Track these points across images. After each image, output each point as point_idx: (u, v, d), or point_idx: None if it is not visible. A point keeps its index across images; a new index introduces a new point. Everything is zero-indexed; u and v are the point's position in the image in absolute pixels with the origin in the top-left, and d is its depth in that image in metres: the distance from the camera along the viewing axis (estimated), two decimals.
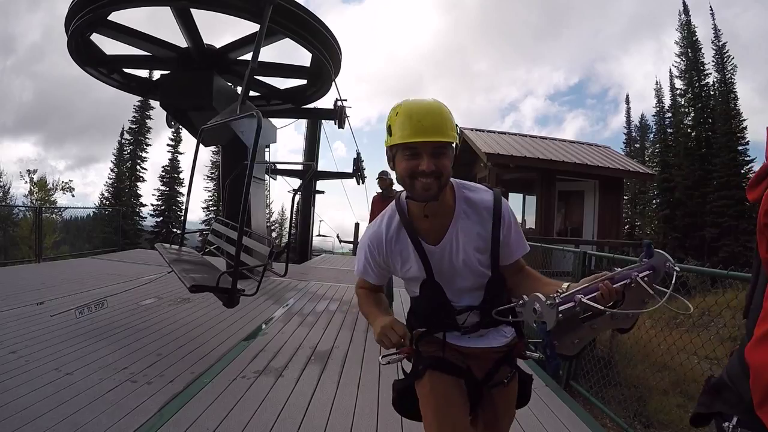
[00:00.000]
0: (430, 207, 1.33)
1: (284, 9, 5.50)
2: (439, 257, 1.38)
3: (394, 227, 1.41)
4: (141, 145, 30.74)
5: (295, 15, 5.68)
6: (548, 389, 3.53)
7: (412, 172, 1.26)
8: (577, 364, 3.76)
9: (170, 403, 2.78)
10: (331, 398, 3.02)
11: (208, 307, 5.49)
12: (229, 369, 3.45)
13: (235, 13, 5.40)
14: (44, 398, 2.72)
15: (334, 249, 24.32)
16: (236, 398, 2.91)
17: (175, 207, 30.94)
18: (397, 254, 1.41)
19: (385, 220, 1.44)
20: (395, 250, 1.41)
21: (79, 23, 5.50)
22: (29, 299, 5.26)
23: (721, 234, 24.68)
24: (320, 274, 9.60)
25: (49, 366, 3.25)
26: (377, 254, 1.44)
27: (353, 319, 5.40)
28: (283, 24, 5.64)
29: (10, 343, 3.71)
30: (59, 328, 4.19)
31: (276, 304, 5.97)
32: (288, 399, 2.95)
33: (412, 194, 1.31)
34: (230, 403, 2.82)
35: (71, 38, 5.86)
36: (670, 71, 30.34)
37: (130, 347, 3.81)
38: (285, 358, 3.81)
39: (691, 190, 26.76)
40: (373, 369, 3.66)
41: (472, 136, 10.14)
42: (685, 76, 28.96)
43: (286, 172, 16.61)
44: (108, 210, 26.38)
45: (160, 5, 5.45)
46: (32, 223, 12.83)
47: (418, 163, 1.25)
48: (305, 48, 6.08)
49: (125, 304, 5.33)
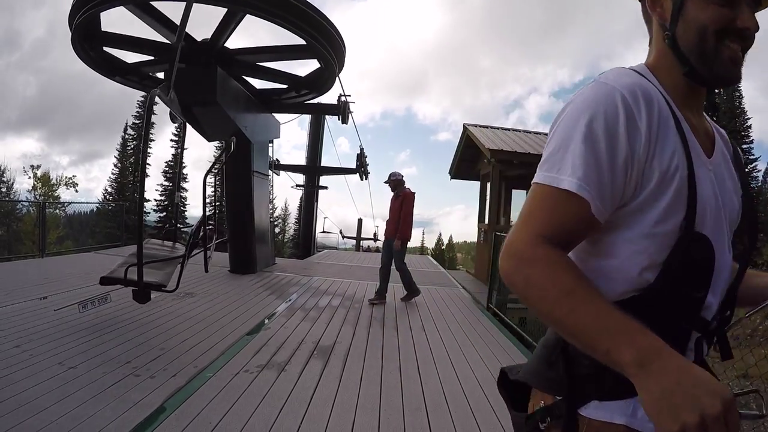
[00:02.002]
0: (692, 99, 0.80)
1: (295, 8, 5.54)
2: (709, 186, 0.73)
3: (657, 104, 0.71)
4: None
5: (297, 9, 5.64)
6: None
7: (721, 28, 0.71)
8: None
9: (173, 397, 2.79)
10: (333, 393, 3.02)
11: (212, 302, 5.52)
12: (231, 363, 3.46)
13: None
14: (48, 392, 2.73)
15: (338, 245, 24.39)
16: (239, 392, 2.91)
17: (178, 201, 31.01)
18: (659, 154, 0.69)
19: (626, 88, 0.69)
20: (659, 145, 0.69)
21: (79, 22, 5.55)
22: (33, 294, 5.29)
23: None
24: (323, 269, 9.62)
25: (53, 360, 3.27)
26: (631, 139, 0.68)
27: (356, 314, 5.41)
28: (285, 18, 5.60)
29: (15, 338, 3.73)
30: (63, 322, 4.22)
31: (279, 299, 5.98)
32: (290, 393, 2.95)
33: (700, 68, 0.74)
34: (233, 398, 2.83)
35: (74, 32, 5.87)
36: None
37: (133, 341, 3.83)
38: (288, 352, 3.82)
39: None
40: (375, 364, 3.67)
41: (476, 132, 10.12)
42: None
43: (290, 167, 16.62)
44: (111, 205, 26.47)
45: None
46: (36, 219, 12.90)
47: (733, 15, 0.71)
48: (296, 34, 6.04)
49: (129, 299, 5.33)
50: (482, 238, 10.58)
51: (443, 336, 4.70)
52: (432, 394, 3.12)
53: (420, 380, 3.37)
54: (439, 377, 3.46)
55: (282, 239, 38.20)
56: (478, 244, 11.35)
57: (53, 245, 18.46)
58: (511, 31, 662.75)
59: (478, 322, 5.51)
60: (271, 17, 5.67)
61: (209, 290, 6.26)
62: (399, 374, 3.47)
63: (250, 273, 7.89)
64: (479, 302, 6.85)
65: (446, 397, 3.08)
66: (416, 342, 4.41)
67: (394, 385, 3.23)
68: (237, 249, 8.15)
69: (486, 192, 10.53)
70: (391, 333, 4.69)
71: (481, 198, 11.09)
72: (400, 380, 3.35)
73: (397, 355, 3.97)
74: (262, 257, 8.49)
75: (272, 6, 5.62)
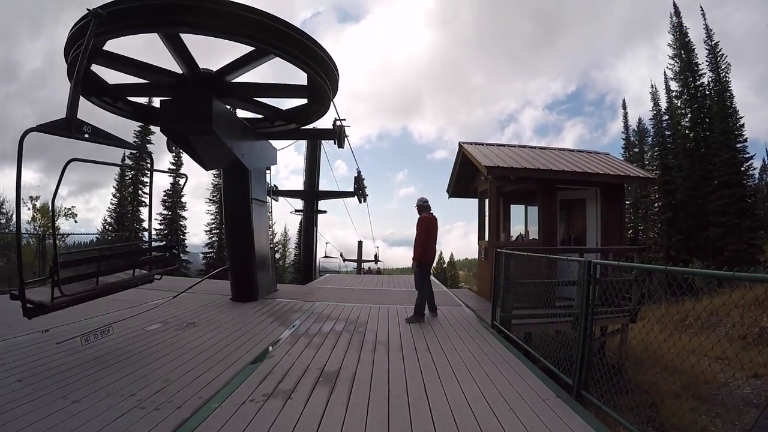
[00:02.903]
0: None
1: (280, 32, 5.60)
2: None
3: None
4: (142, 170, 30.98)
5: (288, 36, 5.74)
6: (559, 400, 3.49)
7: None
8: (588, 373, 3.72)
9: (178, 429, 2.76)
10: (341, 420, 2.99)
11: (215, 331, 5.48)
12: (237, 393, 3.42)
13: None
14: (51, 426, 2.72)
15: (340, 269, 24.34)
16: (245, 423, 2.88)
17: (177, 231, 31.06)
18: None
19: None
20: None
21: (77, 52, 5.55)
22: (34, 326, 5.25)
23: (725, 233, 24.60)
24: (325, 294, 9.56)
25: (57, 394, 3.25)
26: None
27: (360, 339, 5.37)
28: (276, 45, 5.70)
29: (17, 372, 3.72)
30: (66, 355, 4.19)
31: (282, 326, 5.94)
32: (297, 422, 2.92)
33: None
34: (239, 428, 2.80)
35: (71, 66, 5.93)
36: (664, 74, 30.73)
37: (137, 373, 3.79)
38: (293, 380, 3.78)
39: (692, 191, 26.80)
40: (382, 389, 3.63)
41: (472, 150, 10.21)
42: (680, 77, 29.27)
43: (288, 192, 16.70)
44: (111, 235, 26.46)
45: (148, 32, 5.51)
46: (35, 250, 12.86)
47: None
48: (301, 69, 6.14)
49: (131, 330, 5.32)
50: (483, 255, 10.57)
51: (449, 356, 4.66)
52: (441, 416, 3.09)
53: (428, 402, 3.34)
54: (447, 399, 3.43)
55: (283, 265, 38.07)
56: (479, 262, 11.32)
57: None
58: (502, 46, 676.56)
59: (484, 340, 5.47)
60: (295, 61, 5.89)
61: (211, 319, 6.22)
62: (406, 397, 3.44)
63: (252, 300, 7.85)
64: (483, 320, 6.80)
65: (455, 419, 3.04)
66: (422, 364, 4.37)
67: (402, 409, 3.20)
68: (238, 277, 8.12)
69: (485, 209, 10.57)
70: (396, 356, 4.65)
71: (480, 215, 11.12)
72: (407, 403, 3.31)
73: (404, 377, 3.94)
74: (264, 284, 8.46)
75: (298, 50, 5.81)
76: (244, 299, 7.84)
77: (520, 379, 3.98)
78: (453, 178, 11.99)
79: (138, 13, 5.09)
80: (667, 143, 29.87)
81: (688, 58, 28.85)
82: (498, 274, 6.41)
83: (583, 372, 3.69)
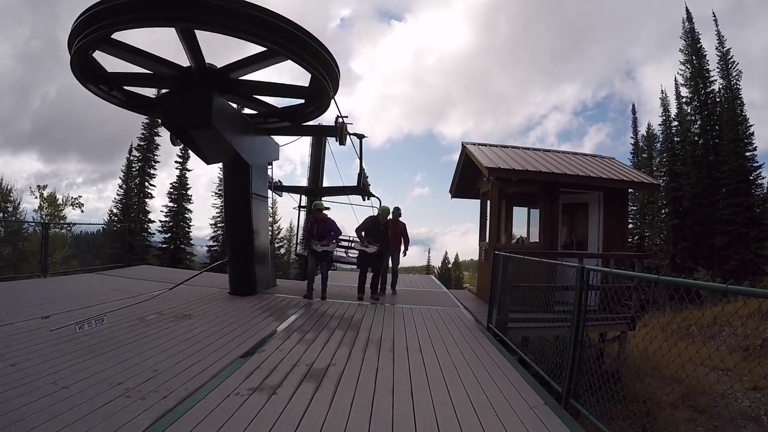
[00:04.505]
0: None
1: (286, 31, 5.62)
2: None
3: None
4: (149, 161, 31.16)
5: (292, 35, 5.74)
6: (547, 408, 3.46)
7: None
8: (578, 381, 3.68)
9: (161, 419, 2.78)
10: (322, 417, 2.99)
11: (209, 324, 5.51)
12: (223, 386, 3.44)
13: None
14: (40, 410, 2.77)
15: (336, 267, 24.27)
16: (227, 416, 2.89)
17: (183, 223, 31.23)
18: None
19: None
20: None
21: (84, 41, 5.56)
22: (32, 314, 5.32)
23: (731, 242, 24.32)
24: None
25: (47, 380, 3.31)
26: None
27: (353, 336, 5.37)
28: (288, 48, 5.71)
29: (11, 357, 3.79)
30: (60, 342, 4.24)
31: (277, 321, 5.96)
32: (279, 417, 2.93)
33: None
34: (220, 421, 2.81)
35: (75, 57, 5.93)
36: (675, 80, 30.38)
37: (127, 362, 3.83)
38: (280, 375, 3.80)
39: (700, 198, 26.50)
40: (368, 388, 3.63)
41: (474, 150, 10.14)
42: (691, 83, 28.93)
43: (291, 188, 16.70)
44: (116, 226, 26.67)
45: (164, 26, 5.53)
46: (40, 238, 13.03)
47: None
48: (304, 68, 6.14)
49: (126, 320, 5.36)
50: (483, 256, 10.52)
51: (440, 359, 4.64)
52: (424, 418, 3.08)
53: (412, 404, 3.33)
54: (433, 401, 3.41)
55: (287, 260, 38.13)
56: (480, 263, 11.28)
57: (59, 265, 18.59)
58: (531, 54, 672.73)
59: (477, 343, 5.45)
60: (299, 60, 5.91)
61: (207, 312, 6.26)
62: (391, 398, 3.43)
63: (250, 295, 7.88)
64: (480, 322, 6.77)
65: (438, 422, 3.03)
66: (412, 365, 4.36)
67: (385, 410, 3.19)
68: (236, 271, 8.16)
69: (486, 210, 10.52)
70: (387, 355, 4.64)
71: (481, 216, 11.07)
72: (392, 404, 3.31)
73: (392, 378, 3.93)
74: (263, 279, 8.49)
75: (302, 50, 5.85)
76: (241, 293, 7.88)
77: (510, 384, 3.95)
78: (456, 178, 11.95)
79: (158, 6, 5.17)
80: (675, 149, 29.55)
81: (699, 64, 28.51)
82: (495, 277, 6.38)
83: (573, 380, 3.65)
